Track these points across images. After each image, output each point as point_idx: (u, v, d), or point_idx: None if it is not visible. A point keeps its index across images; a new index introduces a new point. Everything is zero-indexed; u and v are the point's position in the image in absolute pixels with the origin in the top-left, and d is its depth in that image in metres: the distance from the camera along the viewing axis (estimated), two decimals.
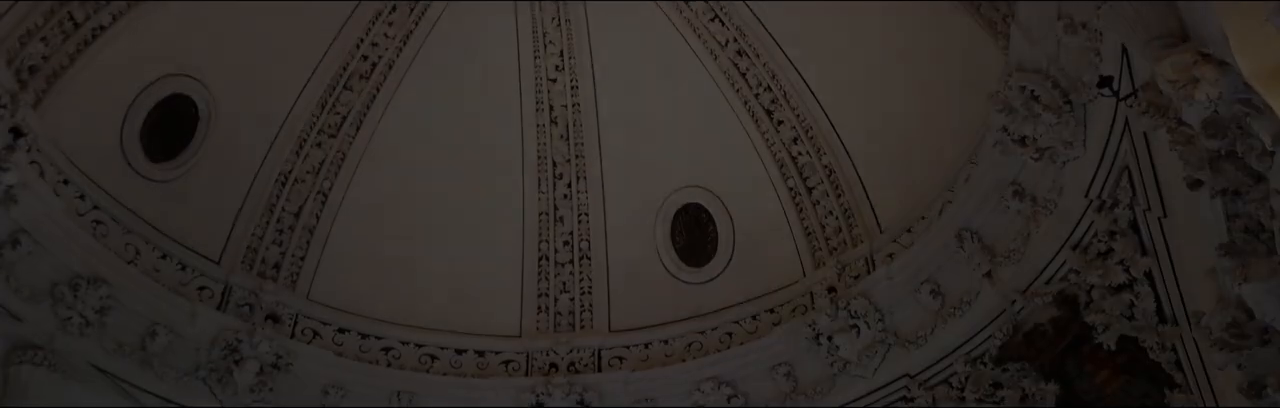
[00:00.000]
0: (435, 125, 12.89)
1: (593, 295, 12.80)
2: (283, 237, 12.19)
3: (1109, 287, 9.11)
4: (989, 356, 10.09)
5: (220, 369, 10.88)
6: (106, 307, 10.24)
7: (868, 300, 10.83)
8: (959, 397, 10.23)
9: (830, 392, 10.97)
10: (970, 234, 10.19)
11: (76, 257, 10.13)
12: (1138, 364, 9.19)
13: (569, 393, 11.54)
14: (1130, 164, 8.69)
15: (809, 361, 11.17)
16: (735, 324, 11.99)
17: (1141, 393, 9.28)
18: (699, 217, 12.93)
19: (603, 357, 12.15)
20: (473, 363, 12.12)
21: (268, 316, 11.51)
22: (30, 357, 9.57)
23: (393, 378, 11.71)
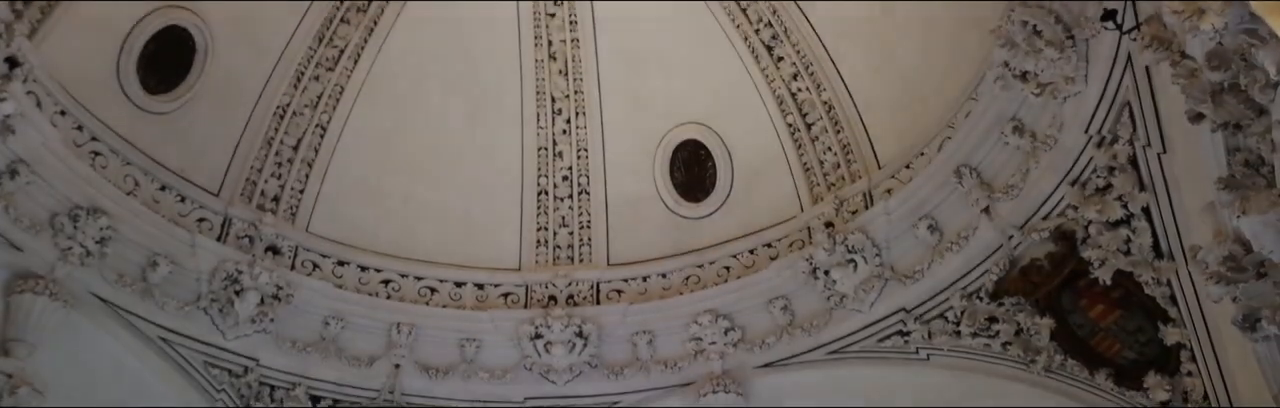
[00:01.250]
0: (433, 60, 12.83)
1: (591, 230, 12.85)
2: (281, 170, 12.20)
3: (1106, 222, 9.16)
4: (985, 290, 10.17)
5: (221, 300, 10.95)
6: (106, 238, 10.28)
7: (865, 235, 10.87)
8: (954, 331, 10.32)
9: (827, 325, 11.06)
10: (969, 170, 10.20)
11: (75, 188, 10.14)
12: (1133, 299, 9.28)
13: (568, 325, 11.64)
14: (1131, 99, 8.68)
15: (806, 295, 11.25)
16: (733, 259, 12.05)
17: (1135, 328, 9.38)
18: (698, 153, 12.94)
19: (601, 290, 12.25)
20: (472, 296, 12.22)
21: (267, 247, 11.55)
22: (31, 286, 9.63)
23: (392, 310, 11.80)
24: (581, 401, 11.70)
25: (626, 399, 11.63)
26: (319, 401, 11.34)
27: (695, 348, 11.50)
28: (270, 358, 11.20)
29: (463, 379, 11.67)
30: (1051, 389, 9.76)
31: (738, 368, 11.29)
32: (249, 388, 11.04)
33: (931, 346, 10.47)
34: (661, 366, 11.58)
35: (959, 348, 10.31)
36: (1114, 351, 9.51)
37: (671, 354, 11.61)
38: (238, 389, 10.98)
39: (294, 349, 11.29)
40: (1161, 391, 8.96)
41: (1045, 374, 9.78)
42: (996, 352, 10.10)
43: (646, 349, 11.71)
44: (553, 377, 11.70)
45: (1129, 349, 9.41)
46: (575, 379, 11.71)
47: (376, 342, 11.66)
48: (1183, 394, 8.86)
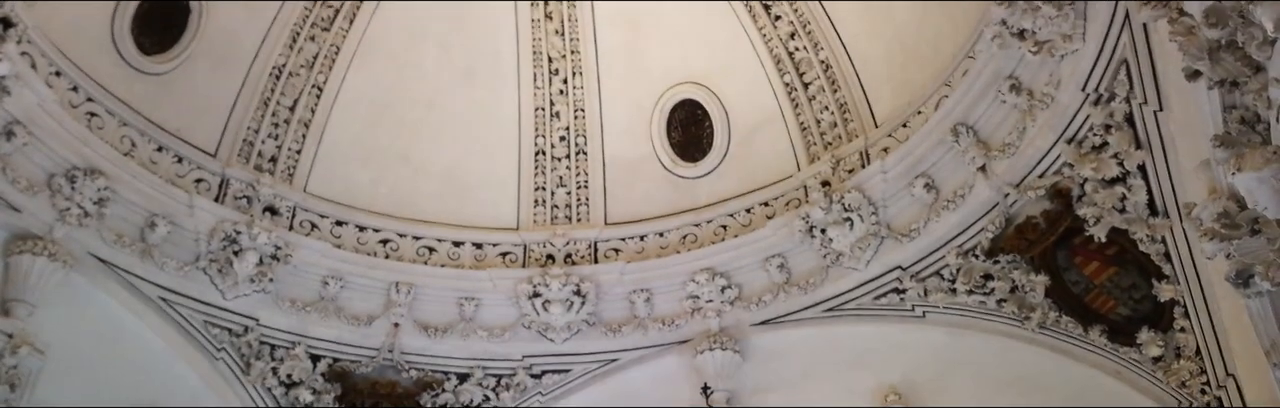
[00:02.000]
0: (429, 20, 12.77)
1: (589, 190, 12.87)
2: (278, 130, 12.19)
3: (1102, 180, 9.20)
4: (981, 248, 10.22)
5: (220, 260, 11.00)
6: (104, 198, 10.30)
7: (862, 194, 10.90)
8: (950, 289, 10.39)
9: (823, 283, 11.13)
10: (966, 128, 10.21)
11: (72, 149, 10.14)
12: (1127, 256, 9.35)
13: (566, 284, 11.70)
14: (1129, 57, 8.67)
15: (802, 253, 11.31)
16: (730, 218, 12.09)
17: (1129, 285, 9.46)
18: (695, 113, 12.94)
19: (599, 249, 12.29)
20: (470, 255, 12.26)
21: (266, 208, 11.57)
22: (30, 247, 9.67)
23: (391, 269, 11.84)
24: (580, 358, 11.78)
25: (624, 357, 11.72)
26: (319, 359, 11.40)
27: (692, 306, 11.58)
28: (270, 318, 11.26)
29: (461, 338, 11.75)
30: (1045, 346, 9.85)
31: (734, 326, 11.38)
32: (249, 347, 11.12)
33: (927, 303, 10.54)
34: (659, 323, 11.66)
35: (954, 305, 10.39)
36: (1108, 307, 9.59)
37: (669, 312, 11.69)
38: (238, 348, 11.06)
39: (293, 309, 11.35)
40: (1154, 346, 9.06)
41: (1039, 331, 9.87)
42: (991, 309, 10.18)
43: (644, 307, 11.79)
44: (551, 335, 11.78)
45: (1123, 306, 9.50)
46: (573, 337, 11.79)
47: (375, 301, 11.72)
48: (1175, 350, 8.96)
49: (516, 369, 11.75)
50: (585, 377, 11.73)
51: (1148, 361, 9.12)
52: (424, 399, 11.55)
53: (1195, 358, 8.81)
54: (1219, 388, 8.60)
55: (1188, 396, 8.89)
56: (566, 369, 11.77)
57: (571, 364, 11.78)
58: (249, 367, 11.05)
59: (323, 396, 11.27)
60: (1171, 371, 8.95)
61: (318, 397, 11.24)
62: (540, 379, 11.75)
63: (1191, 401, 8.86)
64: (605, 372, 11.71)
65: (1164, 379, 9.03)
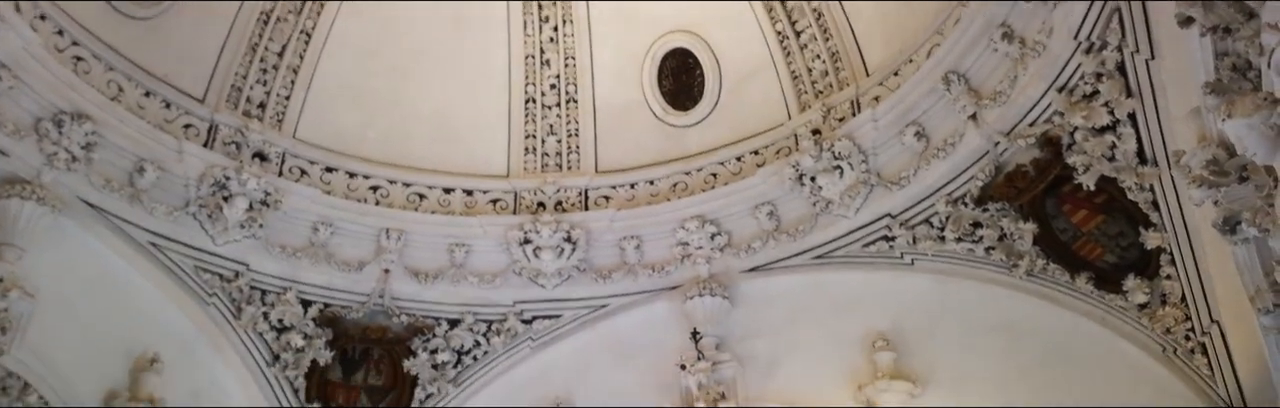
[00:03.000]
0: None
1: (579, 138, 12.85)
2: (267, 76, 12.12)
3: (1092, 128, 9.22)
4: (970, 196, 10.26)
5: (210, 206, 10.98)
6: (92, 143, 10.26)
7: (852, 142, 10.91)
8: (938, 236, 10.44)
9: (812, 231, 11.17)
10: (957, 77, 10.19)
11: (58, 93, 10.07)
12: (1115, 204, 9.40)
13: (556, 231, 11.72)
14: (1121, 5, 8.66)
15: (792, 200, 11.33)
16: (720, 166, 12.09)
17: (1117, 233, 9.52)
18: (686, 61, 12.88)
19: (589, 197, 12.30)
20: (461, 202, 12.26)
21: (255, 154, 11.54)
22: (19, 191, 9.63)
23: (381, 216, 11.83)
24: (570, 304, 11.84)
25: (614, 302, 11.78)
26: (309, 305, 11.44)
27: (682, 253, 11.61)
28: (260, 263, 11.27)
29: (452, 284, 11.78)
30: (1032, 293, 9.91)
31: (724, 272, 11.42)
32: (240, 292, 11.14)
33: (916, 250, 10.59)
34: (649, 270, 11.70)
35: (943, 253, 10.44)
36: (1095, 255, 9.66)
37: (659, 259, 11.73)
38: (229, 294, 11.09)
39: (284, 254, 11.36)
40: (1140, 293, 9.14)
41: (1027, 278, 9.94)
42: (980, 256, 10.24)
43: (634, 254, 11.82)
44: (542, 281, 11.82)
45: (1110, 254, 9.56)
46: (564, 283, 11.84)
47: (365, 247, 11.73)
48: (1161, 297, 9.04)
49: (507, 315, 11.81)
50: (575, 322, 11.80)
51: (1133, 307, 9.21)
52: (415, 344, 11.63)
53: (1180, 305, 8.90)
54: (1203, 335, 8.70)
55: (1172, 342, 8.99)
56: (557, 315, 11.84)
57: (562, 310, 11.85)
58: (240, 312, 11.09)
59: (314, 340, 11.32)
60: (1157, 317, 9.05)
61: (309, 342, 11.29)
62: (531, 325, 11.82)
63: (1176, 347, 8.96)
64: (595, 317, 11.78)
65: (1149, 326, 9.13)
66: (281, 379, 11.15)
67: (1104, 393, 9.34)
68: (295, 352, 11.23)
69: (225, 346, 10.95)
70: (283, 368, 11.16)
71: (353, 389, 11.59)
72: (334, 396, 11.48)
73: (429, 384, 11.56)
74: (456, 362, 11.70)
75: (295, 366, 11.22)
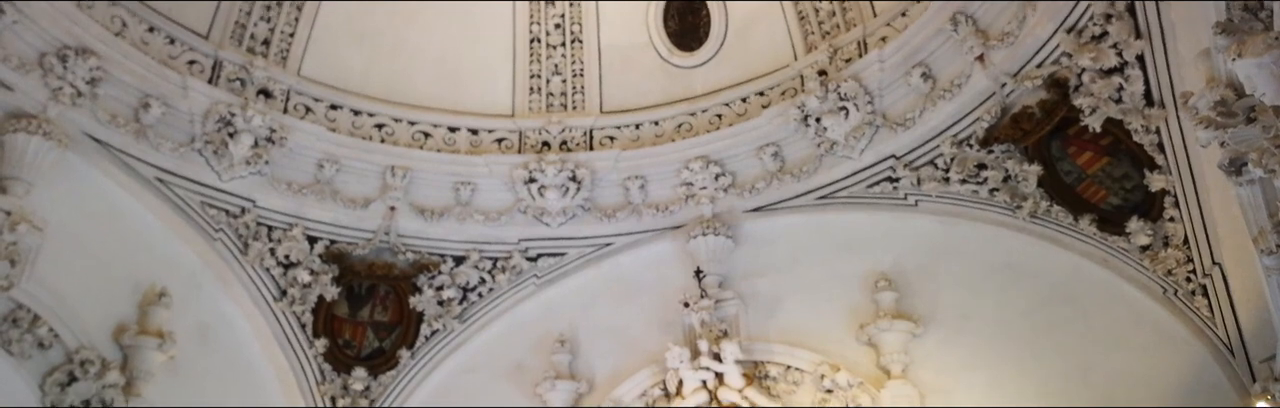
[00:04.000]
0: None
1: (584, 78, 12.81)
2: (270, 13, 12.02)
3: (1100, 70, 9.20)
4: (975, 137, 10.26)
5: (215, 142, 10.99)
6: (97, 78, 10.24)
7: (858, 83, 10.88)
8: (943, 178, 10.47)
9: (816, 172, 11.19)
10: (965, 18, 10.13)
11: (62, 27, 10.03)
12: (1120, 147, 9.41)
13: (561, 170, 11.74)
14: None
15: (796, 141, 11.34)
16: (725, 107, 12.07)
17: (1121, 175, 9.55)
18: (692, 2, 12.80)
19: (594, 137, 12.30)
20: (466, 140, 12.26)
21: (259, 91, 11.51)
22: (24, 125, 9.65)
23: (387, 154, 11.84)
24: (575, 242, 11.90)
25: (619, 241, 11.84)
26: (316, 241, 11.50)
27: (686, 193, 11.64)
28: (266, 199, 11.31)
29: (458, 221, 11.83)
30: (1035, 234, 9.98)
31: (727, 212, 11.46)
32: (247, 228, 11.20)
33: (919, 192, 10.63)
34: (653, 209, 11.74)
35: (946, 194, 10.48)
36: (1099, 197, 9.70)
37: (663, 199, 11.76)
38: (236, 229, 11.14)
39: (290, 191, 11.39)
40: (1143, 235, 9.18)
41: (1030, 220, 9.99)
42: (983, 198, 10.28)
43: (638, 194, 11.85)
44: (547, 219, 11.87)
45: (1114, 196, 9.60)
46: (569, 222, 11.88)
47: (371, 185, 11.75)
48: (1164, 239, 9.09)
49: (512, 252, 11.88)
50: (580, 260, 11.87)
51: (1136, 249, 9.26)
52: (421, 281, 11.71)
53: (1183, 247, 8.96)
54: (1205, 276, 8.77)
55: (1174, 283, 9.06)
56: (562, 253, 11.91)
57: (567, 248, 11.91)
58: (247, 247, 11.16)
59: (320, 276, 11.40)
60: (1159, 259, 9.11)
61: (315, 278, 11.37)
62: (536, 262, 11.89)
63: (1177, 288, 9.04)
64: (600, 256, 11.85)
65: (1151, 268, 9.19)
66: (288, 314, 11.26)
67: (1104, 334, 9.46)
68: (302, 287, 11.32)
69: (232, 281, 11.04)
70: (289, 303, 11.26)
71: (359, 325, 11.72)
72: (340, 331, 11.62)
73: (434, 320, 11.68)
74: (462, 298, 11.80)
75: (302, 301, 11.32)
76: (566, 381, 11.09)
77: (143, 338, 9.98)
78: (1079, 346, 9.51)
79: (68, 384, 9.35)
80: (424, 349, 11.67)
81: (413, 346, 11.66)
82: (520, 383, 11.37)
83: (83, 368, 9.41)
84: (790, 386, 10.33)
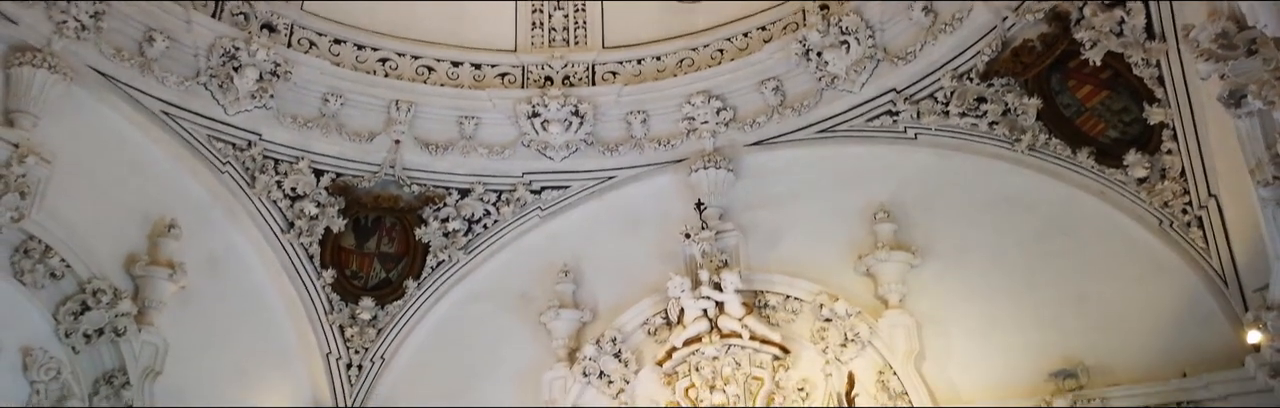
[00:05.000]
0: None
1: (586, 13, 12.80)
2: None
3: (1102, 3, 9.26)
4: (975, 71, 10.34)
5: (220, 76, 11.02)
6: (101, 12, 10.24)
7: (859, 17, 10.90)
8: (942, 111, 10.55)
9: (817, 106, 11.26)
10: None
11: None
12: (1120, 80, 9.48)
13: (564, 105, 11.79)
14: None
15: (797, 76, 11.39)
16: (727, 41, 12.09)
17: (1120, 108, 9.63)
18: None
19: (596, 72, 12.33)
20: (469, 75, 12.28)
21: (263, 25, 11.51)
22: (30, 59, 9.67)
23: (390, 88, 11.88)
24: (578, 175, 12.02)
25: (621, 174, 11.96)
26: (322, 174, 11.60)
27: (688, 127, 11.72)
28: (272, 133, 11.38)
29: (462, 155, 11.92)
30: (1033, 167, 10.10)
31: (728, 146, 11.56)
32: (253, 161, 11.28)
33: (919, 125, 10.72)
34: (655, 143, 11.84)
35: (946, 127, 10.58)
36: (1097, 130, 9.79)
37: (665, 133, 11.85)
38: (242, 162, 11.22)
39: (295, 125, 11.45)
40: (1140, 168, 9.30)
41: (1029, 153, 10.10)
42: (983, 131, 10.38)
43: (640, 128, 11.92)
44: (550, 153, 11.96)
45: (1112, 129, 9.69)
46: (572, 156, 11.98)
47: (376, 119, 11.81)
48: (1161, 172, 9.21)
49: (516, 185, 11.99)
50: (583, 193, 12.00)
51: (1133, 182, 9.39)
52: (426, 213, 11.84)
53: (1179, 179, 9.08)
54: (1200, 208, 8.91)
55: (1169, 215, 9.20)
56: (565, 186, 12.02)
57: (570, 181, 12.02)
58: (254, 180, 11.25)
59: (326, 209, 11.51)
60: (1155, 191, 9.23)
61: (322, 210, 11.48)
62: (540, 195, 12.02)
63: (1173, 220, 9.18)
64: (602, 188, 11.98)
65: (1147, 200, 9.33)
66: (296, 246, 11.41)
67: (1099, 265, 9.62)
68: (309, 219, 11.45)
69: (240, 213, 11.16)
70: (297, 235, 11.39)
71: (366, 256, 11.87)
72: (347, 262, 11.78)
73: (440, 252, 11.83)
74: (467, 230, 11.94)
75: (309, 233, 11.45)
76: (570, 309, 11.28)
77: (153, 269, 10.11)
78: (1074, 276, 9.67)
79: (81, 313, 9.49)
80: (430, 280, 11.85)
81: (419, 276, 11.84)
82: (525, 312, 11.56)
83: (95, 298, 9.54)
84: (789, 315, 10.50)
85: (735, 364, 10.21)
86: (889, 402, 9.73)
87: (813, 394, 10.04)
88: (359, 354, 11.60)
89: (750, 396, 10.10)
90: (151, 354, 9.82)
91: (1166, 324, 9.14)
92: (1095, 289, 9.54)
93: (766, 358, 10.26)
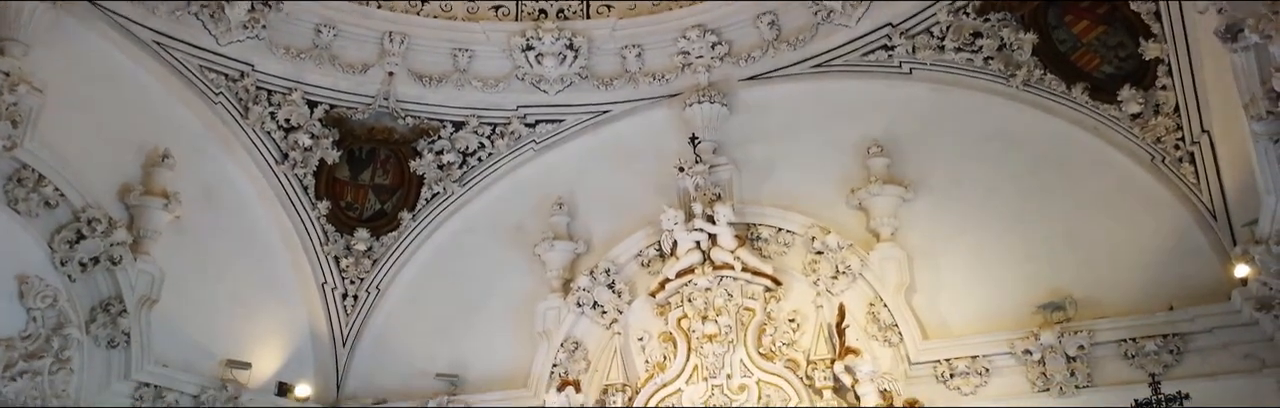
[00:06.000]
0: None
1: None
2: None
3: None
4: (972, 6, 10.31)
5: (211, 6, 10.91)
6: None
7: None
8: (938, 46, 10.53)
9: (812, 40, 11.21)
10: None
11: None
12: (1117, 15, 9.47)
13: (558, 38, 11.70)
14: None
15: (793, 10, 11.33)
16: None
17: (1116, 43, 9.63)
18: None
19: (590, 5, 12.18)
20: (462, 7, 12.14)
21: None
22: None
23: (384, 19, 11.76)
24: (572, 109, 11.99)
25: (615, 108, 11.94)
26: (315, 105, 11.56)
27: (682, 62, 11.68)
28: (265, 64, 11.31)
29: (456, 88, 11.87)
30: (1027, 102, 10.13)
31: (723, 80, 11.53)
32: (247, 92, 11.24)
33: (914, 60, 10.70)
34: (649, 78, 11.79)
35: (941, 62, 10.57)
36: (1093, 65, 9.79)
37: (659, 67, 11.80)
38: (236, 93, 11.18)
39: (288, 56, 11.38)
40: (1135, 103, 9.34)
41: (1023, 88, 10.12)
42: (978, 66, 10.38)
43: (635, 62, 11.87)
44: (544, 87, 11.92)
45: (1107, 64, 9.69)
46: (566, 89, 11.94)
47: (369, 50, 11.74)
48: (1155, 107, 9.24)
49: (511, 119, 11.98)
50: (577, 127, 11.99)
51: (1126, 117, 9.42)
52: (420, 146, 11.85)
53: (1173, 115, 9.12)
54: (1193, 144, 8.96)
55: (1162, 151, 9.25)
56: (559, 120, 12.01)
57: (564, 115, 12.01)
58: (247, 111, 11.22)
59: (321, 140, 11.51)
60: (1148, 127, 9.28)
61: (316, 141, 11.49)
62: (534, 128, 12.01)
63: (1165, 156, 9.24)
64: (597, 122, 11.97)
65: (1140, 135, 9.38)
66: (290, 177, 11.43)
67: (1090, 200, 9.70)
68: (303, 151, 11.45)
69: (234, 143, 11.16)
70: (291, 166, 11.41)
71: (360, 188, 11.91)
72: (342, 193, 11.82)
73: (435, 184, 11.87)
74: (461, 163, 11.96)
75: (303, 164, 11.47)
76: (564, 241, 11.35)
77: (148, 198, 10.12)
78: (1065, 211, 9.75)
79: (76, 242, 9.51)
80: (425, 211, 11.92)
81: (414, 208, 11.90)
82: (519, 243, 11.64)
83: (90, 226, 9.55)
84: (781, 247, 10.57)
85: (727, 295, 10.31)
86: (879, 333, 9.86)
87: (803, 325, 10.16)
88: (354, 285, 11.73)
89: (742, 326, 10.21)
90: (147, 283, 9.88)
91: (1155, 258, 9.24)
92: (1085, 224, 9.63)
93: (758, 290, 10.36)
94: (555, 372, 10.79)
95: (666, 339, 10.51)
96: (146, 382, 9.80)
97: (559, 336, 10.93)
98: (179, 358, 10.18)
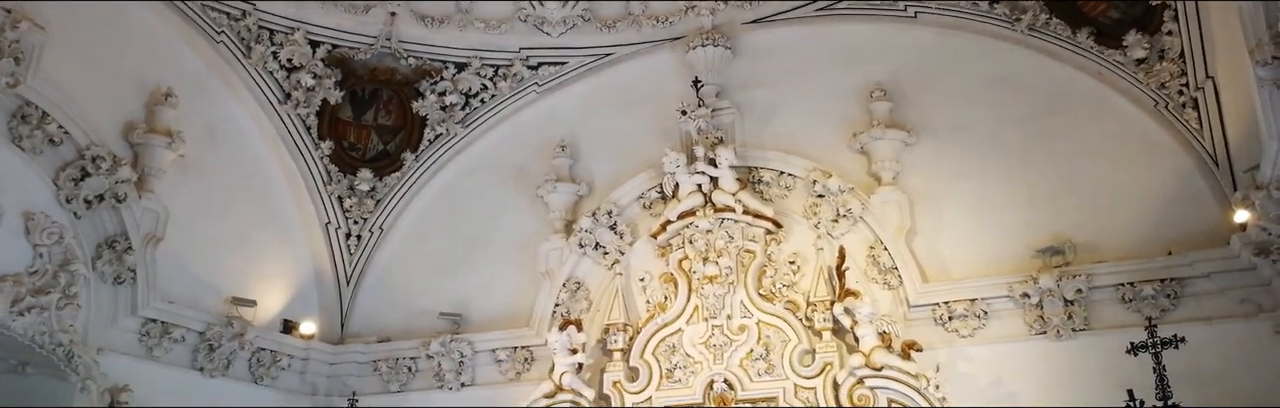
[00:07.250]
0: None
1: None
2: None
3: None
4: None
5: None
6: None
7: None
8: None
9: None
10: None
11: None
12: None
13: None
14: None
15: None
16: None
17: None
18: None
19: None
20: None
21: None
22: None
23: None
24: (575, 52, 11.95)
25: (618, 51, 11.89)
26: (318, 45, 11.51)
27: (686, 5, 11.59)
28: (266, 3, 11.22)
29: (459, 29, 11.80)
30: (1032, 47, 10.12)
31: (727, 24, 11.47)
32: (248, 31, 11.18)
33: (919, 3, 10.67)
34: (653, 20, 11.72)
35: (947, 6, 10.54)
36: (1098, 11, 9.76)
37: (663, 10, 11.71)
38: (238, 32, 11.13)
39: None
40: (1140, 48, 9.34)
41: (1029, 32, 10.10)
42: (984, 10, 10.35)
43: (638, 5, 11.78)
44: (547, 29, 11.85)
45: (1113, 9, 9.66)
46: (569, 32, 11.88)
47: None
48: (1160, 52, 9.24)
49: (514, 61, 11.93)
50: (580, 70, 11.96)
51: (1131, 62, 9.42)
52: (423, 87, 11.83)
53: (1177, 60, 9.12)
54: (1197, 90, 8.97)
55: (1165, 96, 9.27)
56: (562, 62, 11.97)
57: (567, 57, 11.96)
58: (249, 50, 11.18)
59: (323, 80, 11.50)
60: (1153, 72, 9.29)
61: (319, 81, 11.47)
62: (536, 71, 11.98)
63: (1168, 101, 9.25)
64: (600, 65, 11.94)
65: (1144, 81, 9.39)
66: (293, 117, 11.44)
67: (1093, 144, 9.73)
68: (306, 91, 11.44)
69: (237, 83, 11.15)
70: (294, 106, 11.41)
71: (363, 128, 11.91)
72: (345, 134, 11.83)
73: (438, 125, 11.88)
74: (464, 104, 11.94)
75: (306, 104, 11.47)
76: (567, 183, 11.38)
77: (151, 137, 10.13)
78: (1068, 156, 9.78)
79: (81, 179, 9.54)
80: (428, 152, 11.94)
81: (417, 149, 11.93)
82: (522, 185, 11.68)
83: (94, 164, 9.57)
84: (783, 190, 10.60)
85: (728, 237, 10.36)
86: (879, 276, 9.93)
87: (804, 268, 10.22)
88: (358, 225, 11.81)
89: (742, 268, 10.28)
90: (152, 221, 9.94)
91: (1155, 204, 9.30)
92: (1087, 169, 9.68)
93: (759, 232, 10.41)
94: (557, 311, 10.89)
95: (667, 280, 10.59)
96: (153, 318, 9.89)
97: (561, 276, 11.00)
98: (185, 295, 10.25)
